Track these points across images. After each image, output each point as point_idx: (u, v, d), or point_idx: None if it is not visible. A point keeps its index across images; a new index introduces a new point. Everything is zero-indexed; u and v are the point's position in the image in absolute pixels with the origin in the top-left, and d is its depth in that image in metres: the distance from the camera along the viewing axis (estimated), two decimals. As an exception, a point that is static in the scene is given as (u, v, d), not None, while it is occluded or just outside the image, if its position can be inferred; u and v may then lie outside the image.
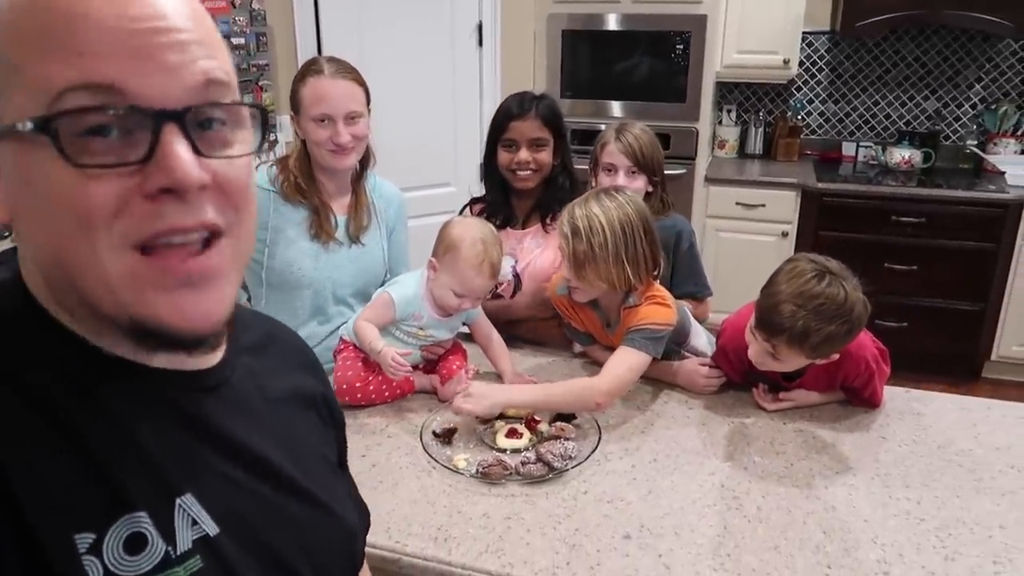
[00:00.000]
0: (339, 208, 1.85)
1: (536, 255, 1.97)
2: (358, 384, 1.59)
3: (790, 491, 1.33)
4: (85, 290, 0.55)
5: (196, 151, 0.54)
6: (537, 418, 1.51)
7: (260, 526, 0.66)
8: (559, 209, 1.94)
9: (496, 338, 1.74)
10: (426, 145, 3.52)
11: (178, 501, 0.59)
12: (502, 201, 2.01)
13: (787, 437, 1.51)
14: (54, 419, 0.55)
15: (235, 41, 2.94)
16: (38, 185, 0.53)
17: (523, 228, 2.02)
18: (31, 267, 0.59)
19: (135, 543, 0.56)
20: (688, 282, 1.98)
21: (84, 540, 0.53)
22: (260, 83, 3.11)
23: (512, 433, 1.46)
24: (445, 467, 1.38)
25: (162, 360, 0.61)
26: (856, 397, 1.62)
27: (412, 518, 1.26)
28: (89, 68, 0.51)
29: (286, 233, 1.78)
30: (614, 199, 1.58)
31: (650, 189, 1.95)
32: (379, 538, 1.20)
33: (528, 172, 1.93)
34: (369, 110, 1.81)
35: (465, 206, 2.09)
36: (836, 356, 1.49)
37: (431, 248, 1.65)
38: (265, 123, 0.61)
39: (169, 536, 0.57)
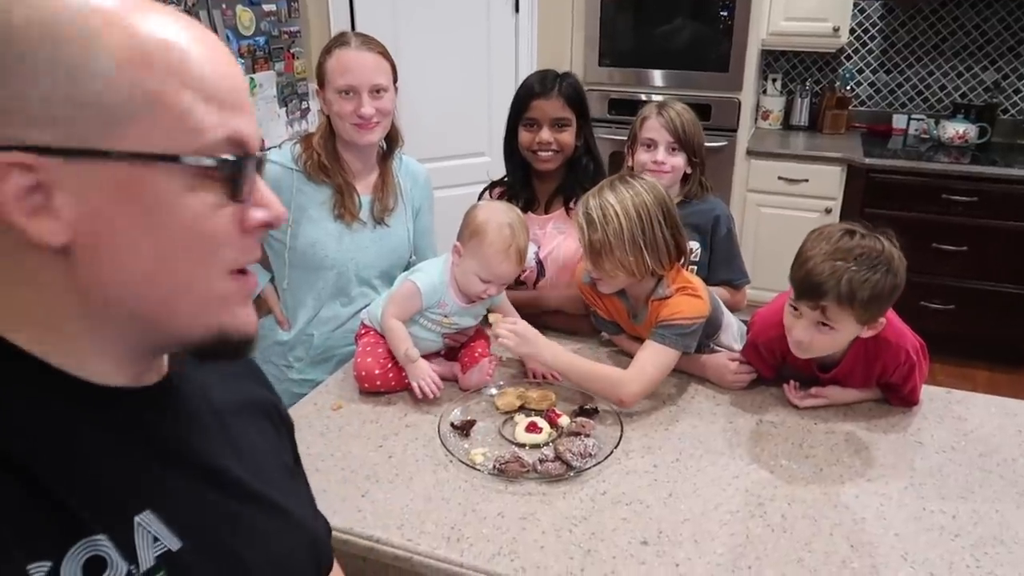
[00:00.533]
0: (364, 187, 1.81)
1: (560, 241, 1.91)
2: (377, 371, 1.57)
3: (817, 498, 1.28)
4: (172, 313, 0.60)
5: None
6: (558, 412, 1.48)
7: (223, 537, 0.66)
8: (582, 193, 1.88)
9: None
10: (460, 114, 3.46)
11: (136, 519, 0.59)
12: (523, 183, 1.95)
13: (817, 439, 1.45)
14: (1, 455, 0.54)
15: (266, 8, 2.90)
16: (161, 214, 0.56)
17: (546, 213, 1.95)
18: (22, 299, 0.57)
19: (94, 567, 0.55)
20: (725, 269, 1.91)
21: (39, 569, 0.52)
22: (291, 50, 3.07)
23: (532, 427, 1.43)
24: (461, 462, 1.35)
25: (108, 377, 0.61)
26: (894, 394, 1.55)
27: (426, 515, 1.24)
28: (236, 125, 0.59)
29: (309, 212, 1.76)
30: (631, 186, 1.52)
31: (688, 170, 1.89)
32: (391, 535, 1.19)
33: (550, 153, 1.87)
34: (396, 87, 1.76)
35: (485, 189, 2.03)
36: (883, 323, 1.42)
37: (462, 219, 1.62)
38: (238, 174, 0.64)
39: (130, 555, 0.57)
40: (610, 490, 1.30)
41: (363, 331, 1.66)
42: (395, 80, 1.76)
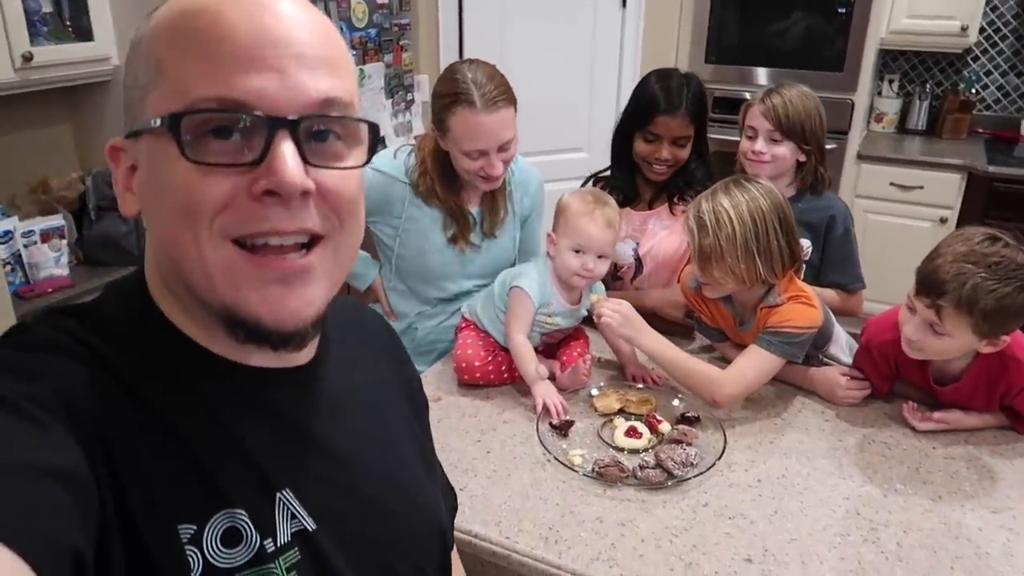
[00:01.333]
0: (474, 201, 1.77)
1: (661, 238, 1.87)
2: (477, 363, 1.58)
3: (936, 528, 1.21)
4: (189, 279, 0.59)
5: (305, 159, 0.57)
6: (659, 418, 1.45)
7: (354, 521, 0.68)
8: (688, 191, 1.83)
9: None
10: (562, 108, 3.44)
11: (278, 496, 0.62)
12: (628, 181, 1.90)
13: (936, 464, 1.37)
14: (157, 414, 0.58)
15: (379, 0, 2.95)
16: (161, 178, 0.57)
17: (648, 209, 1.91)
18: (152, 262, 0.63)
19: (232, 537, 0.58)
20: (839, 271, 1.82)
21: (186, 531, 0.56)
22: (401, 42, 3.12)
23: (632, 432, 1.40)
24: (559, 462, 1.34)
25: (259, 359, 0.64)
26: (1020, 421, 1.45)
27: (524, 513, 1.23)
28: (222, 82, 0.55)
29: (420, 224, 1.74)
30: (746, 190, 1.46)
31: (801, 159, 1.78)
32: (490, 531, 1.19)
33: (665, 169, 1.82)
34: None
35: (587, 181, 1.99)
36: (1006, 340, 1.33)
37: None
38: (375, 140, 0.63)
39: (269, 530, 0.60)
40: (712, 502, 1.26)
41: (463, 324, 1.67)
42: (515, 116, 1.65)
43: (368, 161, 0.63)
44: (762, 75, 3.54)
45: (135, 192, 0.61)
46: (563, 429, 1.43)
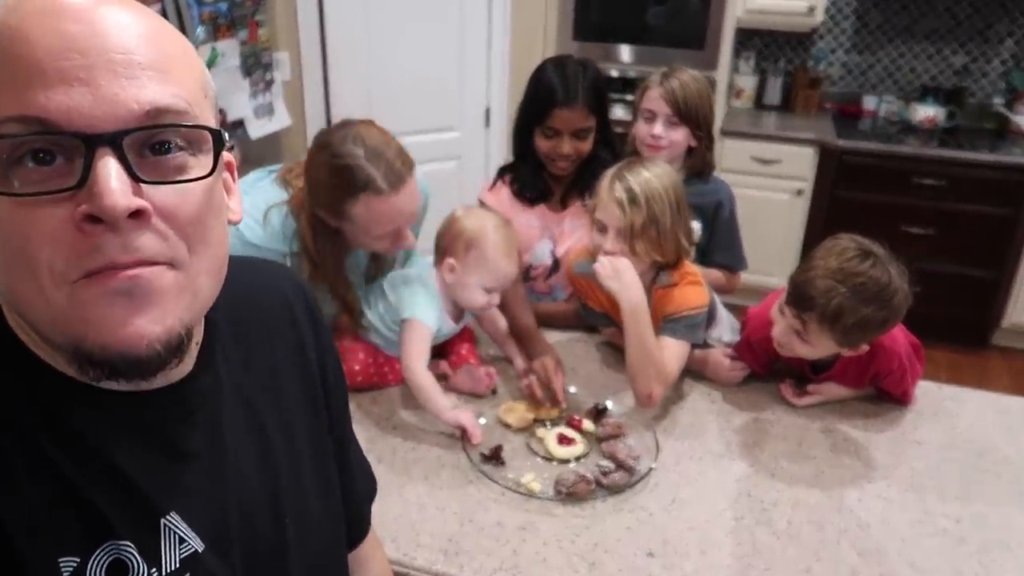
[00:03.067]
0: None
1: (578, 237, 1.80)
2: (357, 367, 1.50)
3: (821, 502, 1.26)
4: (33, 322, 0.55)
5: (134, 177, 0.51)
6: (577, 418, 1.42)
7: (243, 534, 0.66)
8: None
9: (503, 325, 1.63)
10: (430, 86, 3.34)
11: (163, 521, 0.59)
12: (535, 176, 1.83)
13: (815, 439, 1.43)
14: (33, 448, 0.55)
15: (228, -29, 2.73)
16: None
17: (563, 208, 1.84)
18: (3, 294, 0.58)
19: (118, 569, 0.57)
20: (725, 253, 1.86)
21: (68, 564, 0.55)
22: (256, 17, 2.91)
23: (564, 440, 1.35)
24: (519, 492, 1.25)
25: (126, 384, 0.58)
26: (886, 395, 1.53)
27: (420, 526, 1.18)
28: (25, 100, 0.49)
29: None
30: (657, 165, 1.48)
31: (693, 143, 1.79)
32: (386, 548, 1.12)
33: (567, 164, 1.76)
34: None
35: (497, 177, 1.90)
36: (866, 348, 1.41)
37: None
38: (219, 147, 0.57)
39: (155, 558, 0.58)
40: (610, 496, 1.25)
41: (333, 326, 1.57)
42: None
43: (214, 170, 0.56)
44: (628, 52, 3.58)
45: None
46: (496, 457, 1.32)
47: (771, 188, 3.53)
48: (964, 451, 1.40)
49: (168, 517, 0.59)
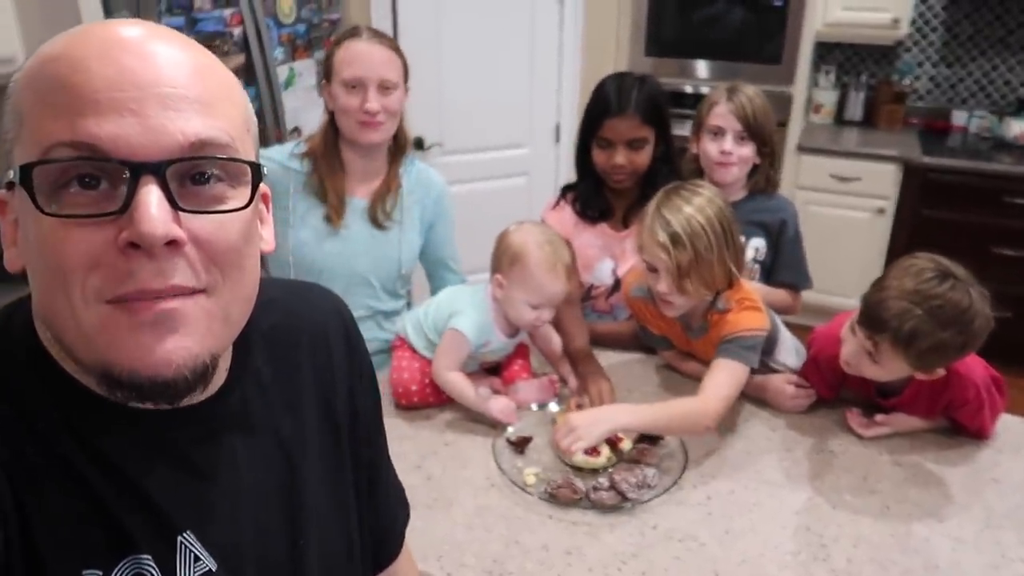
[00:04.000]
0: (364, 191, 1.70)
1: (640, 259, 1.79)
2: (415, 387, 1.51)
3: (885, 540, 1.19)
4: (64, 340, 0.56)
5: (176, 206, 0.54)
6: (619, 435, 1.40)
7: (257, 555, 0.67)
8: None
9: (557, 344, 1.62)
10: (501, 105, 3.37)
11: (179, 539, 0.61)
12: (595, 194, 1.82)
13: (883, 471, 1.36)
14: (62, 463, 0.57)
15: (307, -6, 2.83)
16: (30, 235, 0.55)
17: (624, 227, 1.82)
18: (37, 314, 0.60)
19: None
20: (789, 271, 1.80)
21: None
22: (331, 38, 3.00)
23: (591, 450, 1.34)
24: (513, 482, 1.28)
25: (151, 404, 0.60)
26: (962, 429, 1.45)
27: (466, 546, 1.17)
28: (76, 128, 0.52)
29: (305, 215, 1.66)
30: (698, 194, 1.43)
31: (758, 161, 1.76)
32: (431, 566, 1.13)
33: (623, 176, 1.74)
34: (407, 88, 1.65)
35: (560, 196, 1.89)
36: (941, 373, 1.33)
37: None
38: (257, 180, 0.60)
39: (172, 575, 0.60)
40: (660, 523, 1.22)
41: (398, 343, 1.59)
42: (406, 80, 1.65)
43: (251, 202, 0.59)
44: (702, 68, 3.54)
45: (19, 246, 0.58)
46: (520, 446, 1.38)
47: (850, 206, 3.41)
48: (1048, 491, 1.31)
49: (184, 535, 0.61)
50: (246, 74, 2.53)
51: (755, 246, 1.78)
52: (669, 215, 1.40)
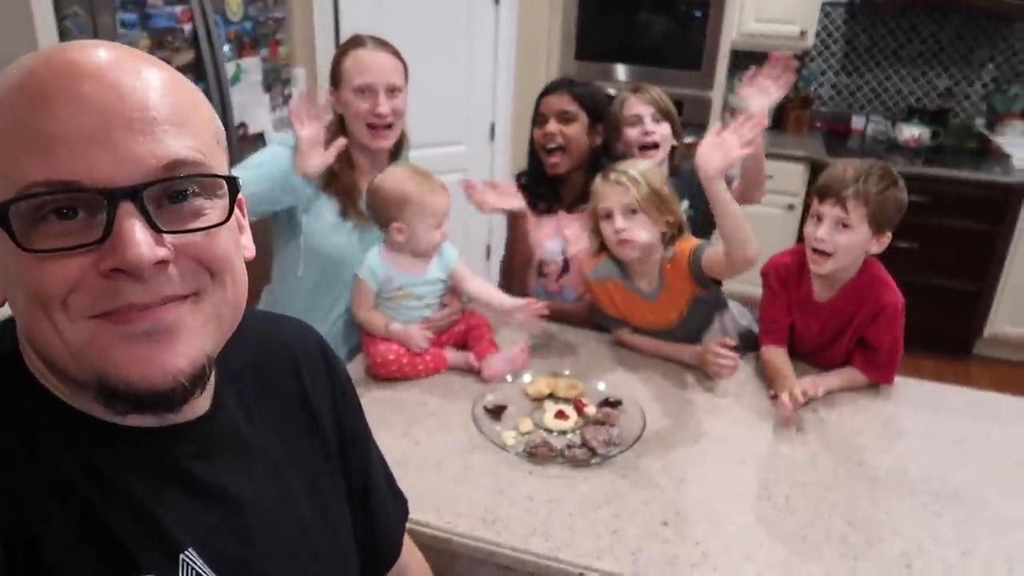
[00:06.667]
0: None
1: (587, 242, 1.96)
2: (391, 357, 1.63)
3: (814, 480, 1.40)
4: (54, 362, 0.57)
5: (154, 228, 0.54)
6: (585, 401, 1.56)
7: (257, 568, 0.68)
8: None
9: (495, 299, 1.75)
10: (439, 103, 3.48)
11: (182, 557, 0.61)
12: (544, 183, 2.02)
13: (811, 427, 1.57)
14: (63, 485, 0.57)
15: (253, -8, 2.88)
16: (9, 270, 0.55)
17: (571, 213, 2.01)
18: (23, 341, 0.61)
19: None
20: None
21: None
22: (276, 36, 3.06)
23: (560, 414, 1.51)
24: (493, 443, 1.43)
25: (148, 420, 0.61)
26: (872, 367, 1.69)
27: (459, 498, 1.31)
28: (48, 165, 0.52)
29: (320, 207, 1.78)
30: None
31: (675, 143, 2.01)
32: (429, 517, 1.26)
33: (557, 150, 1.93)
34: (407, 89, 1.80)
35: (516, 180, 2.10)
36: (887, 240, 1.64)
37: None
38: (234, 193, 0.60)
39: None
40: (628, 474, 1.39)
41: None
42: (406, 80, 1.80)
43: (230, 215, 0.60)
44: (627, 72, 3.75)
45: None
46: (497, 413, 1.52)
47: (764, 203, 3.64)
48: (942, 439, 1.55)
49: (186, 553, 0.61)
50: (195, 70, 2.57)
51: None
52: (619, 169, 1.66)
